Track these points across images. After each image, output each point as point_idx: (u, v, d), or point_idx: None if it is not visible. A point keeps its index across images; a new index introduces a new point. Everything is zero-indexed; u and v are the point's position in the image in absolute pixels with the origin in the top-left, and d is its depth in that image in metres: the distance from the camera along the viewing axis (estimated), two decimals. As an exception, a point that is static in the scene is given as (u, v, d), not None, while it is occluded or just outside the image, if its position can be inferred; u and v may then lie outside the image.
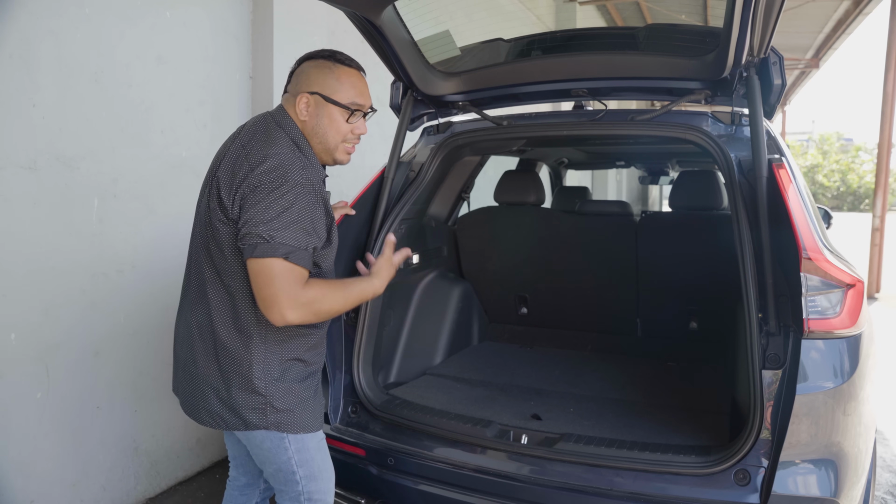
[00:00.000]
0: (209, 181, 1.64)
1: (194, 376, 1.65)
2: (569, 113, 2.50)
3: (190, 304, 1.67)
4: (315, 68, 1.66)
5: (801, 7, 8.96)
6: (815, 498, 1.68)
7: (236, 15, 3.24)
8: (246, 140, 1.61)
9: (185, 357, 1.68)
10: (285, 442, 1.63)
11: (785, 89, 1.99)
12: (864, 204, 34.85)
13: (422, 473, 2.04)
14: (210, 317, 1.60)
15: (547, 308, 3.33)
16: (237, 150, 1.59)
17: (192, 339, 1.64)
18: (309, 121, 1.64)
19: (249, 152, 1.55)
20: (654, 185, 12.30)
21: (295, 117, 1.65)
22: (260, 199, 1.47)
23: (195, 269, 1.67)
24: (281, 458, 1.64)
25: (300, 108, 1.63)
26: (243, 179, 1.51)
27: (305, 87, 1.64)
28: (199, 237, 1.66)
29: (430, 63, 2.40)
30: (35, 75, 2.30)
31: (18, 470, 2.33)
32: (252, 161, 1.52)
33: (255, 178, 1.49)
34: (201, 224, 1.65)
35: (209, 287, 1.61)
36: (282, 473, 1.67)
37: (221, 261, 1.58)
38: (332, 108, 1.64)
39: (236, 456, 1.92)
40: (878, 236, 9.08)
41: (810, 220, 1.82)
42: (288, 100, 1.68)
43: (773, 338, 1.78)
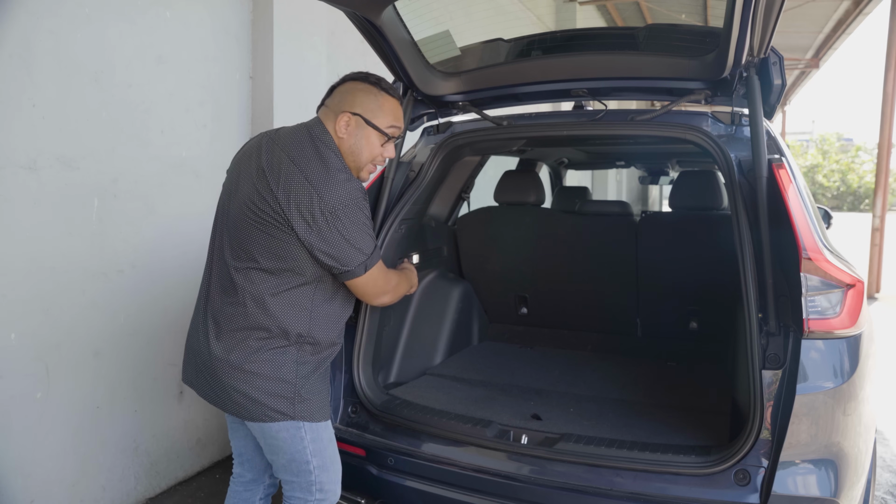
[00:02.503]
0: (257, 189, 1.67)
1: (217, 368, 1.69)
2: (569, 113, 2.50)
3: (214, 298, 1.74)
4: (361, 91, 1.78)
5: (801, 7, 8.96)
6: (815, 498, 1.68)
7: (236, 15, 3.24)
8: (295, 155, 1.67)
9: (206, 349, 1.71)
10: (302, 431, 1.71)
11: (785, 89, 1.99)
12: (864, 204, 34.86)
13: (422, 473, 2.04)
14: (246, 315, 1.67)
15: (547, 308, 3.33)
16: (289, 167, 1.65)
17: (220, 331, 1.69)
18: (347, 139, 1.76)
19: (308, 174, 1.64)
20: (654, 185, 12.29)
21: (334, 135, 1.75)
22: (345, 225, 1.64)
23: (221, 268, 1.73)
24: (296, 447, 1.72)
25: (340, 126, 1.74)
26: (317, 205, 1.61)
27: (349, 106, 1.76)
28: (231, 241, 1.72)
29: (430, 63, 2.40)
30: (35, 75, 2.30)
31: (18, 470, 2.33)
32: (318, 187, 1.62)
33: (331, 205, 1.62)
34: (237, 230, 1.70)
35: (247, 288, 1.67)
36: (295, 463, 1.74)
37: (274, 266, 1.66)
38: (371, 131, 1.77)
39: (242, 452, 1.94)
40: (878, 236, 9.08)
41: (810, 220, 1.82)
42: (327, 114, 1.78)
43: (773, 338, 1.78)
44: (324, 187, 1.62)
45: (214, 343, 1.70)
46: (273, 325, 1.66)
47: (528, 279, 3.32)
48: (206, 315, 1.75)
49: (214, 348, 1.69)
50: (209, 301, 1.75)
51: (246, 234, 1.68)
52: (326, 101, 1.83)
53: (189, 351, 1.82)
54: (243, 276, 1.68)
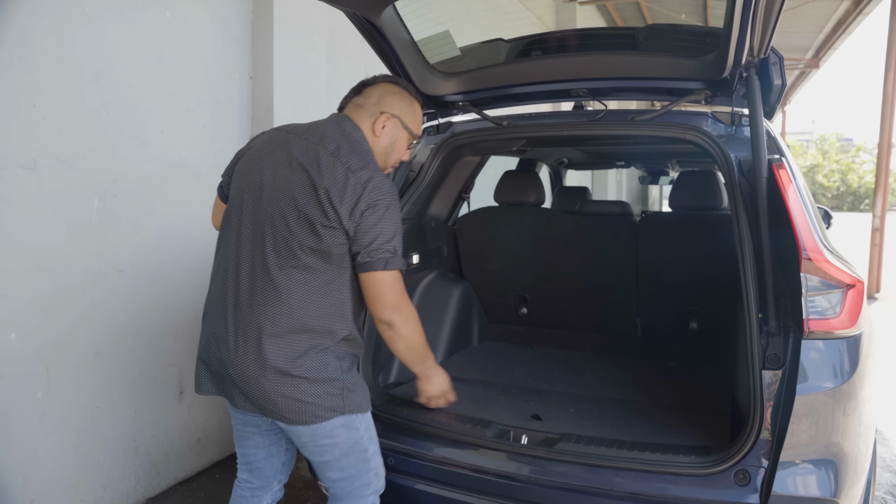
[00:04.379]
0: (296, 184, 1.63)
1: (254, 377, 1.62)
2: (569, 113, 2.50)
3: (246, 308, 1.64)
4: (399, 95, 1.83)
5: (801, 7, 8.96)
6: (815, 498, 1.68)
7: (236, 15, 3.24)
8: (333, 149, 1.66)
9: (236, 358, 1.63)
10: (356, 422, 1.71)
11: (785, 89, 1.99)
12: (864, 204, 34.85)
13: (422, 473, 2.04)
14: (291, 317, 1.62)
15: (547, 308, 3.33)
16: (329, 160, 1.63)
17: (259, 342, 1.61)
18: (382, 139, 1.78)
19: (350, 165, 1.63)
20: (654, 185, 12.30)
21: (368, 132, 1.76)
22: (381, 215, 1.62)
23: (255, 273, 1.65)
24: (353, 438, 1.71)
25: (378, 126, 1.77)
26: (359, 195, 1.60)
27: (388, 107, 1.79)
28: (268, 240, 1.65)
29: (430, 63, 2.40)
30: (35, 75, 2.30)
31: (18, 470, 2.33)
32: (360, 176, 1.62)
33: (370, 197, 1.61)
34: (273, 226, 1.64)
35: (289, 288, 1.62)
36: (353, 455, 1.72)
37: (318, 263, 1.63)
38: (404, 134, 1.83)
39: (253, 459, 1.87)
40: (878, 236, 9.08)
41: (810, 220, 1.82)
42: (360, 113, 1.78)
43: (773, 338, 1.78)
44: (366, 178, 1.62)
45: (249, 350, 1.61)
46: (317, 325, 1.63)
47: (528, 279, 3.32)
48: (233, 321, 1.65)
49: (248, 356, 1.61)
50: (238, 306, 1.66)
51: (287, 231, 1.62)
52: (357, 99, 1.81)
53: (208, 361, 1.71)
54: (285, 276, 1.62)
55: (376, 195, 1.62)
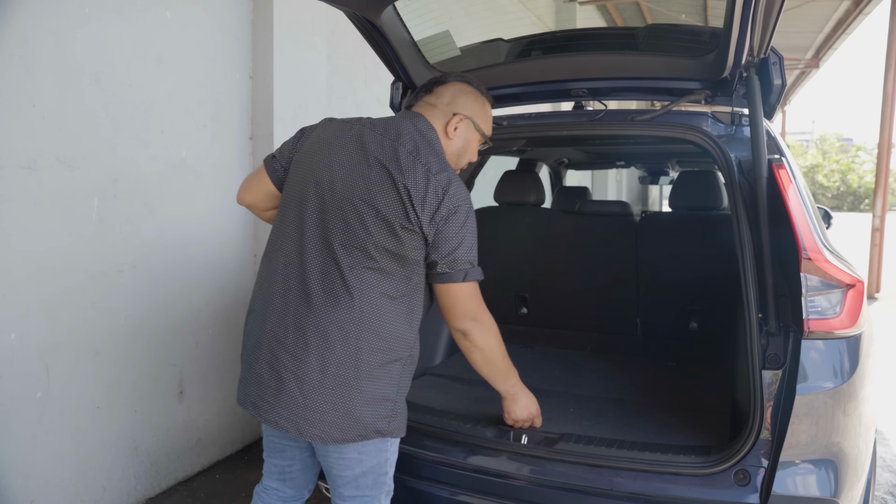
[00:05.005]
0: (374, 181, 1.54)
1: (312, 387, 1.52)
2: (569, 113, 2.50)
3: (314, 309, 1.54)
4: (471, 95, 1.77)
5: (801, 7, 8.96)
6: (815, 498, 1.68)
7: (236, 15, 3.24)
8: (412, 148, 1.58)
9: (296, 367, 1.53)
10: (387, 445, 1.64)
11: (785, 89, 1.99)
12: (864, 204, 34.84)
13: (422, 473, 2.04)
14: (361, 321, 1.52)
15: (547, 308, 3.33)
16: (410, 160, 1.55)
17: (324, 346, 1.52)
18: (455, 141, 1.73)
19: (430, 168, 1.56)
20: (654, 185, 12.30)
21: (441, 133, 1.71)
22: (459, 226, 1.56)
23: (325, 272, 1.55)
24: (378, 459, 1.64)
25: (451, 128, 1.71)
26: (440, 201, 1.54)
27: (462, 109, 1.73)
28: (338, 238, 1.55)
29: (430, 63, 2.40)
30: (35, 75, 2.30)
31: (18, 470, 2.33)
32: (440, 180, 1.55)
33: (452, 202, 1.55)
34: (346, 224, 1.55)
35: (361, 290, 1.52)
36: (373, 475, 1.65)
37: (393, 266, 1.54)
38: (476, 136, 1.78)
39: (288, 470, 1.78)
40: (878, 236, 9.08)
41: (810, 220, 1.82)
42: (433, 113, 1.72)
43: (773, 338, 1.78)
44: (446, 182, 1.55)
45: (311, 354, 1.52)
46: (387, 332, 1.54)
47: (528, 279, 3.32)
48: (294, 322, 1.55)
49: (310, 359, 1.52)
50: (302, 306, 1.55)
51: (363, 230, 1.53)
52: (429, 98, 1.75)
53: (260, 366, 1.59)
54: (357, 277, 1.52)
55: (456, 201, 1.55)
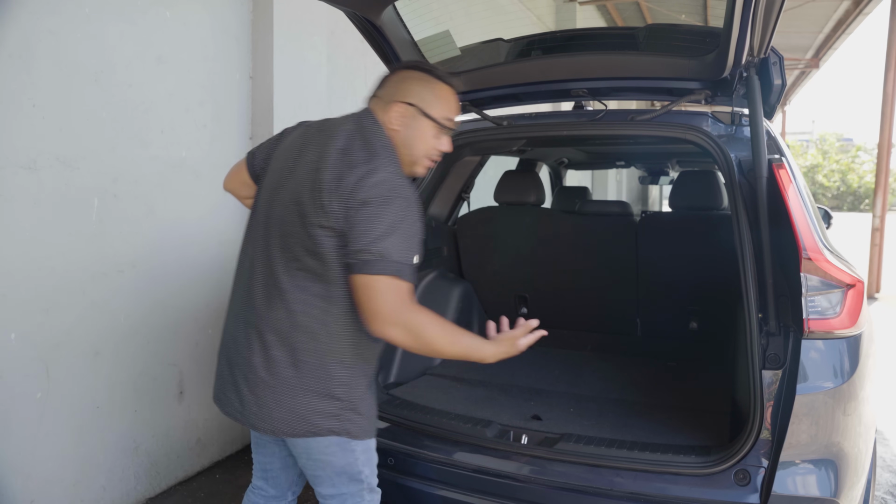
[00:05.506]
0: (300, 181, 1.56)
1: (257, 384, 1.57)
2: (569, 113, 2.50)
3: (257, 309, 1.59)
4: (415, 80, 1.67)
5: (801, 7, 8.96)
6: (815, 498, 1.68)
7: (236, 15, 3.24)
8: (343, 145, 1.56)
9: (245, 364, 1.59)
10: (352, 445, 1.63)
11: (785, 89, 1.99)
12: (864, 204, 34.85)
13: (422, 474, 2.04)
14: (293, 320, 1.54)
15: (547, 308, 3.33)
16: (338, 157, 1.53)
17: (264, 343, 1.56)
18: (401, 131, 1.64)
19: (353, 160, 1.52)
20: (654, 185, 12.29)
21: (386, 125, 1.64)
22: (372, 213, 1.46)
23: (266, 274, 1.59)
24: (347, 460, 1.63)
25: (393, 117, 1.63)
26: (353, 191, 1.47)
27: (403, 96, 1.64)
28: (276, 240, 1.58)
29: (430, 63, 2.40)
30: (35, 75, 2.30)
31: (18, 470, 2.33)
32: (359, 171, 1.49)
33: (366, 192, 1.47)
34: (281, 227, 1.58)
35: (293, 292, 1.54)
36: (346, 475, 1.65)
37: (317, 266, 1.53)
38: (425, 122, 1.65)
39: (268, 468, 1.82)
40: (878, 236, 9.08)
41: (810, 220, 1.82)
42: (379, 105, 1.67)
43: (773, 338, 1.78)
44: (365, 173, 1.49)
45: (255, 352, 1.57)
46: (322, 334, 1.55)
47: (528, 279, 3.32)
48: (244, 322, 1.62)
49: (255, 357, 1.57)
50: (249, 306, 1.61)
51: (292, 232, 1.55)
52: (378, 91, 1.70)
53: (222, 363, 1.68)
54: (290, 279, 1.54)
55: (374, 192, 1.46)
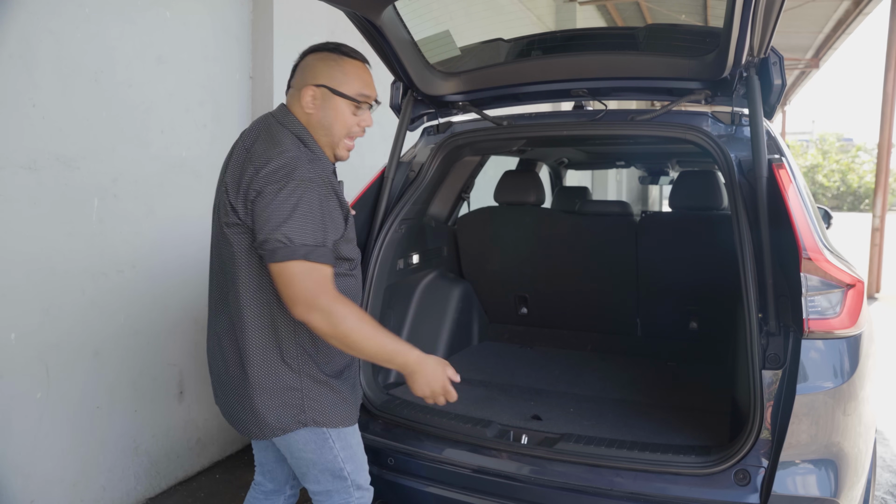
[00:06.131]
0: (218, 188, 1.64)
1: (227, 387, 1.64)
2: (569, 113, 2.50)
3: (214, 313, 1.68)
4: (320, 61, 1.64)
5: (801, 7, 8.96)
6: (815, 498, 1.68)
7: (236, 15, 3.24)
8: (249, 143, 1.59)
9: (218, 368, 1.67)
10: (329, 441, 1.63)
11: (785, 89, 1.99)
12: (864, 204, 34.85)
13: (422, 473, 2.04)
14: (232, 323, 1.59)
15: (547, 308, 3.33)
16: (241, 154, 1.58)
17: (221, 349, 1.63)
18: (315, 113, 1.62)
19: (253, 155, 1.53)
20: (654, 185, 12.29)
21: (300, 112, 1.63)
22: (269, 201, 1.45)
23: (215, 278, 1.67)
24: (327, 457, 1.64)
25: (306, 101, 1.61)
26: (249, 183, 1.49)
27: (311, 79, 1.62)
28: (214, 246, 1.66)
29: (430, 63, 2.40)
30: (35, 75, 2.30)
31: (18, 470, 2.33)
32: (256, 163, 1.50)
33: (261, 181, 1.47)
34: (216, 232, 1.64)
35: (230, 294, 1.59)
36: (329, 472, 1.67)
37: (237, 265, 1.55)
38: (339, 101, 1.62)
39: (263, 462, 1.88)
40: (878, 236, 9.08)
41: (810, 220, 1.82)
42: (293, 94, 1.66)
43: (773, 338, 1.78)
44: (260, 165, 1.48)
45: (219, 356, 1.65)
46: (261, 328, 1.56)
47: (528, 279, 3.32)
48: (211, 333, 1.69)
49: (219, 363, 1.65)
50: (213, 316, 1.69)
51: (218, 237, 1.61)
52: (290, 81, 1.69)
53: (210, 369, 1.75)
54: (225, 277, 1.59)
55: (267, 179, 1.46)
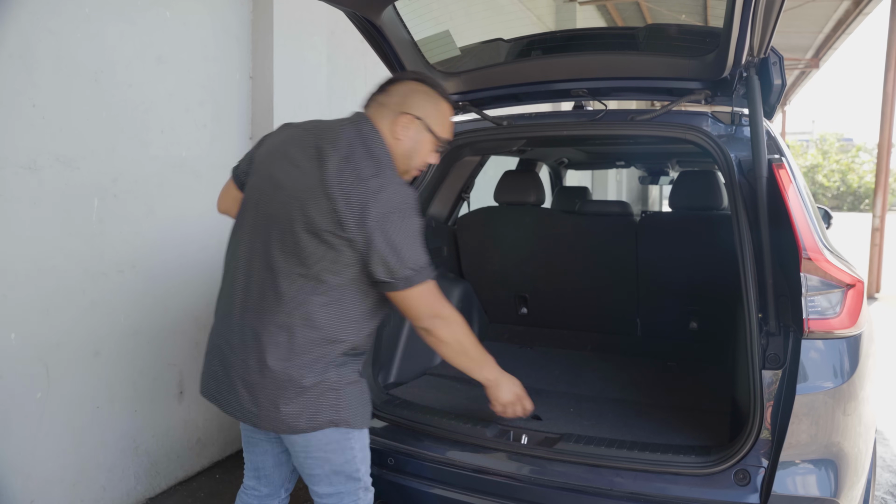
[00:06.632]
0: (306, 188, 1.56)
1: (254, 384, 1.59)
2: (569, 113, 2.50)
3: (251, 310, 1.60)
4: (423, 94, 1.71)
5: (801, 7, 8.96)
6: (815, 498, 1.68)
7: (236, 15, 3.24)
8: (345, 153, 1.56)
9: (238, 362, 1.61)
10: (351, 441, 1.65)
11: (785, 89, 1.99)
12: (864, 204, 34.83)
13: (422, 473, 2.04)
14: (289, 322, 1.55)
15: (547, 308, 3.33)
16: (342, 165, 1.54)
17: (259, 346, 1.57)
18: (403, 141, 1.67)
19: (361, 173, 1.53)
20: (654, 185, 12.29)
21: (387, 133, 1.65)
22: (396, 230, 1.52)
23: (262, 276, 1.60)
24: (345, 456, 1.65)
25: (398, 128, 1.65)
26: (365, 204, 1.50)
27: (410, 108, 1.67)
28: (275, 244, 1.58)
29: (430, 63, 2.40)
30: (35, 75, 2.30)
31: (18, 470, 2.33)
32: (372, 186, 1.51)
33: (382, 208, 1.50)
34: (281, 231, 1.58)
35: (289, 293, 1.55)
36: (344, 473, 1.67)
37: (322, 270, 1.54)
38: (428, 137, 1.70)
39: (261, 466, 1.83)
40: (878, 236, 9.08)
41: (810, 220, 1.82)
42: (383, 113, 1.67)
43: (773, 338, 1.78)
44: (377, 188, 1.51)
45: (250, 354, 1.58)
46: (319, 334, 1.57)
47: (528, 279, 3.32)
48: (240, 324, 1.62)
49: (250, 360, 1.58)
50: (245, 309, 1.61)
51: (293, 238, 1.56)
52: (380, 97, 1.71)
53: (214, 363, 1.68)
54: (290, 283, 1.56)
55: (387, 207, 1.51)
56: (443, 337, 1.64)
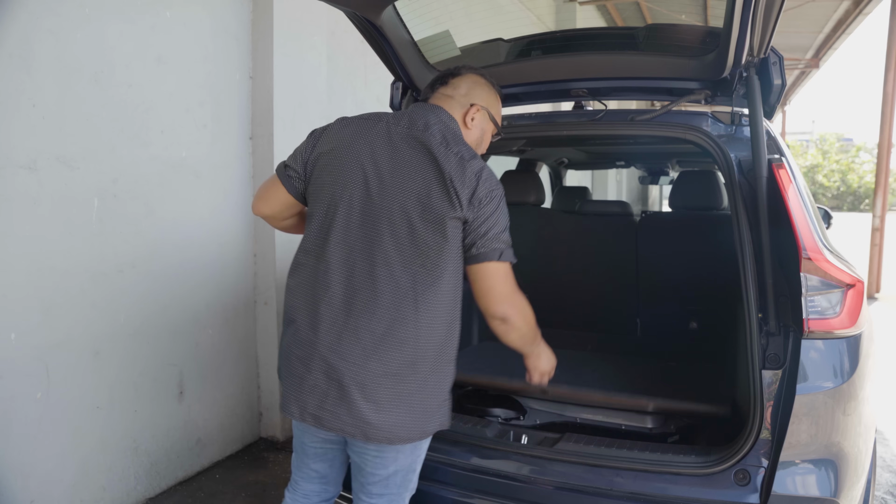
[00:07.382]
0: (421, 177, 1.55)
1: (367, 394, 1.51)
2: (569, 113, 2.50)
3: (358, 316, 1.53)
4: (484, 86, 1.80)
5: (801, 7, 8.96)
6: (815, 498, 1.68)
7: (236, 15, 3.24)
8: (441, 139, 1.60)
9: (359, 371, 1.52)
10: (421, 447, 1.66)
11: (785, 89, 1.99)
12: (864, 204, 34.86)
13: (422, 473, 2.04)
14: (414, 325, 1.53)
15: (547, 308, 3.30)
16: (444, 150, 1.57)
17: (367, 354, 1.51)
18: (473, 131, 1.76)
19: (463, 157, 1.58)
20: (654, 185, 12.29)
21: (460, 123, 1.73)
22: (494, 208, 1.57)
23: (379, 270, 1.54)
24: (413, 457, 1.66)
25: (469, 118, 1.74)
26: (476, 186, 1.55)
27: (477, 99, 1.76)
28: (387, 237, 1.54)
29: (430, 63, 2.40)
30: (35, 75, 2.30)
31: (18, 470, 2.33)
32: (473, 167, 1.57)
33: (486, 187, 1.56)
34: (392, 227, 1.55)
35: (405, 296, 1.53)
36: (403, 473, 1.66)
37: (445, 260, 1.54)
38: (490, 126, 1.82)
39: (327, 474, 1.78)
40: (878, 236, 9.08)
41: (810, 220, 1.82)
42: (451, 104, 1.74)
43: (773, 338, 1.78)
44: (479, 168, 1.57)
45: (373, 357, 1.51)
46: (439, 330, 1.56)
47: (527, 279, 3.30)
48: (342, 330, 1.53)
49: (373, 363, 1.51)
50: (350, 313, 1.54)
51: (409, 229, 1.53)
52: (444, 90, 1.76)
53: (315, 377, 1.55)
54: (409, 276, 1.53)
55: (490, 185, 1.57)
56: (517, 325, 1.66)
